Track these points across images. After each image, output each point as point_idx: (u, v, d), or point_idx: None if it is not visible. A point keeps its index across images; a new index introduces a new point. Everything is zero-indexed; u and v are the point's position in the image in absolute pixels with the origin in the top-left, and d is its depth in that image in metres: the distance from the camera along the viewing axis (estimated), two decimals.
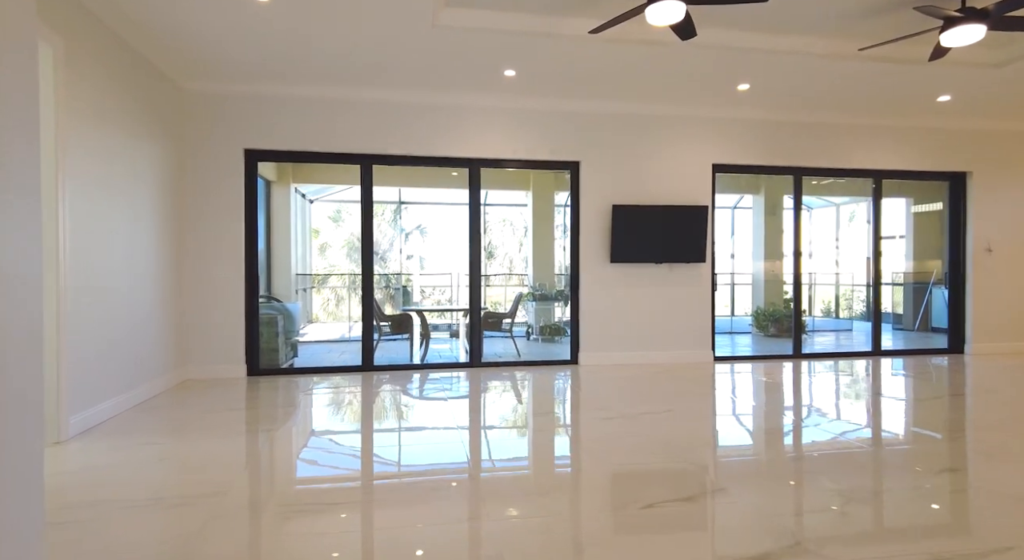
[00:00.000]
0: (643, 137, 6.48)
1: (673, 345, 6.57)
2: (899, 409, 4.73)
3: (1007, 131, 7.31)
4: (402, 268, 15.63)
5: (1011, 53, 5.17)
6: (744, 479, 2.98)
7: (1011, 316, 7.36)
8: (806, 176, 7.03)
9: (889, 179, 7.27)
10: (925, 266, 11.38)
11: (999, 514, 2.53)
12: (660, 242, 6.39)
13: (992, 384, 5.48)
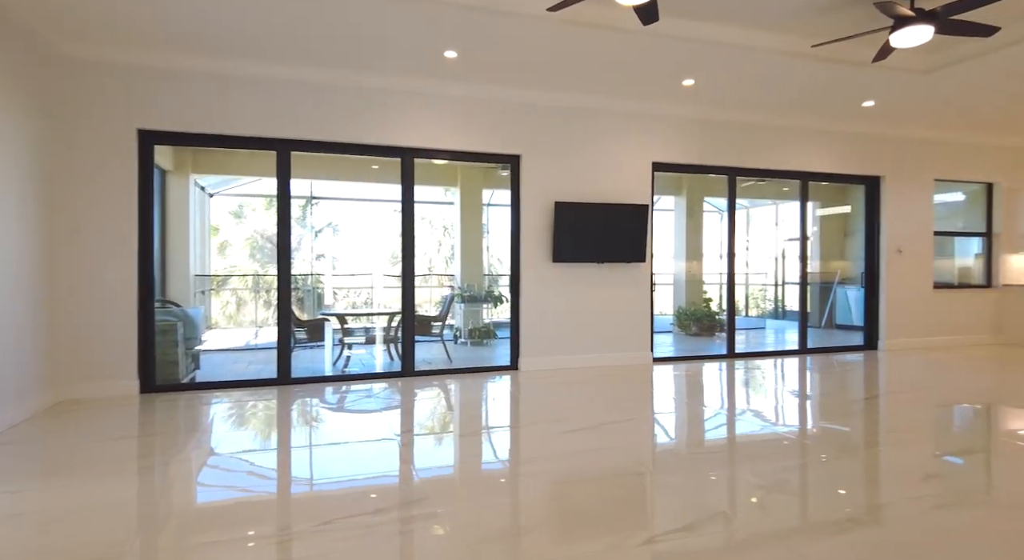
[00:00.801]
0: (587, 132, 6.22)
1: (614, 347, 6.36)
2: (868, 407, 4.74)
3: (918, 138, 7.75)
4: (312, 269, 14.63)
5: (939, 60, 5.36)
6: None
7: (918, 314, 7.80)
8: (739, 177, 7.07)
9: (814, 181, 7.47)
10: (830, 266, 11.99)
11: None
12: (602, 241, 6.15)
13: (920, 380, 5.69)
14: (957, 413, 4.54)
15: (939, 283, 8.08)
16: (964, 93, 6.11)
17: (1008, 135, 8.01)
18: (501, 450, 3.54)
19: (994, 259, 8.34)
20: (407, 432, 3.89)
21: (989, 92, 6.08)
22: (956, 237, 8.71)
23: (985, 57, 5.14)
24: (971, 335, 8.09)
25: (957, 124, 7.40)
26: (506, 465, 3.25)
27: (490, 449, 3.58)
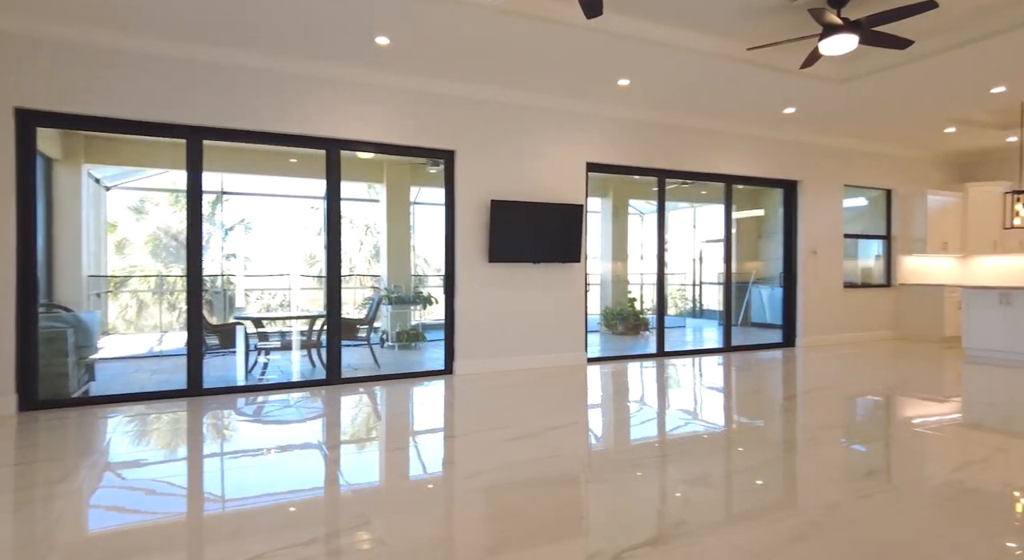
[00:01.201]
0: (523, 129, 6.09)
1: (549, 348, 6.27)
2: (804, 401, 4.87)
3: (831, 146, 8.19)
4: (222, 269, 13.68)
5: (855, 70, 5.64)
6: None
7: (830, 312, 8.25)
8: (668, 178, 7.18)
9: (737, 184, 7.72)
10: (745, 267, 12.52)
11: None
12: (538, 241, 6.04)
13: (838, 374, 5.97)
14: (872, 404, 4.77)
15: (847, 283, 8.59)
16: (870, 104, 6.48)
17: (904, 146, 8.64)
18: (445, 463, 3.32)
19: (893, 260, 8.98)
20: (336, 447, 3.59)
21: (891, 104, 6.49)
22: (861, 240, 9.30)
23: (892, 70, 5.45)
24: (875, 331, 8.66)
25: (863, 133, 7.89)
26: (451, 480, 3.03)
27: (433, 462, 3.35)
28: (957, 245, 8.98)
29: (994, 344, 6.93)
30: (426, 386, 5.38)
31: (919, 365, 6.61)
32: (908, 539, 2.27)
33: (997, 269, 9.11)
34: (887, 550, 2.17)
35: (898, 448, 3.55)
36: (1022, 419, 4.21)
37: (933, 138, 8.15)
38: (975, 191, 8.89)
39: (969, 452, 3.44)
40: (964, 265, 9.43)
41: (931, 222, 8.70)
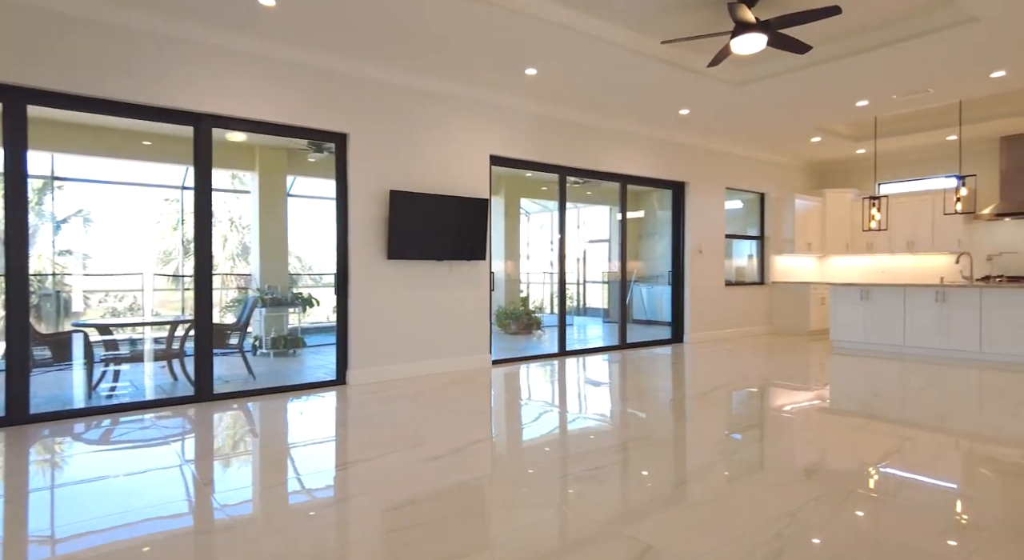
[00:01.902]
0: (425, 116, 5.62)
1: (454, 351, 5.87)
2: (717, 397, 4.86)
3: (716, 149, 8.55)
4: (54, 267, 11.68)
5: (751, 74, 5.83)
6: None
7: (714, 309, 8.62)
8: (569, 176, 7.07)
9: (632, 184, 7.80)
10: (627, 266, 12.86)
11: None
12: (442, 237, 5.62)
13: (730, 367, 6.16)
14: (768, 394, 4.91)
15: (727, 281, 9.04)
16: (755, 109, 6.80)
17: (776, 153, 9.28)
18: (354, 497, 2.81)
19: (766, 259, 9.61)
20: (209, 484, 2.95)
21: (773, 110, 6.85)
22: (735, 240, 9.85)
23: (783, 76, 5.70)
24: (751, 326, 9.20)
25: (743, 139, 8.32)
26: (367, 520, 2.55)
27: (339, 497, 2.83)
28: (818, 245, 9.80)
29: (857, 336, 7.58)
30: (316, 399, 4.76)
31: (796, 357, 7.04)
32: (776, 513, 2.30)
33: (849, 267, 10.09)
34: (755, 522, 2.35)
35: (782, 432, 3.61)
36: (883, 404, 4.52)
37: (801, 146, 8.80)
38: (831, 196, 9.76)
39: (836, 435, 3.64)
40: (823, 264, 10.35)
41: (798, 224, 9.42)
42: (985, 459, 3.28)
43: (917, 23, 4.72)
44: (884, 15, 4.70)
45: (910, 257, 9.29)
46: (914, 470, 3.04)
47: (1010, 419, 4.07)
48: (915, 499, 2.67)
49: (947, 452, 3.41)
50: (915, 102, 6.57)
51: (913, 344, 7.09)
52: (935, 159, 9.04)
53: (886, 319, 7.32)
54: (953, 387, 5.22)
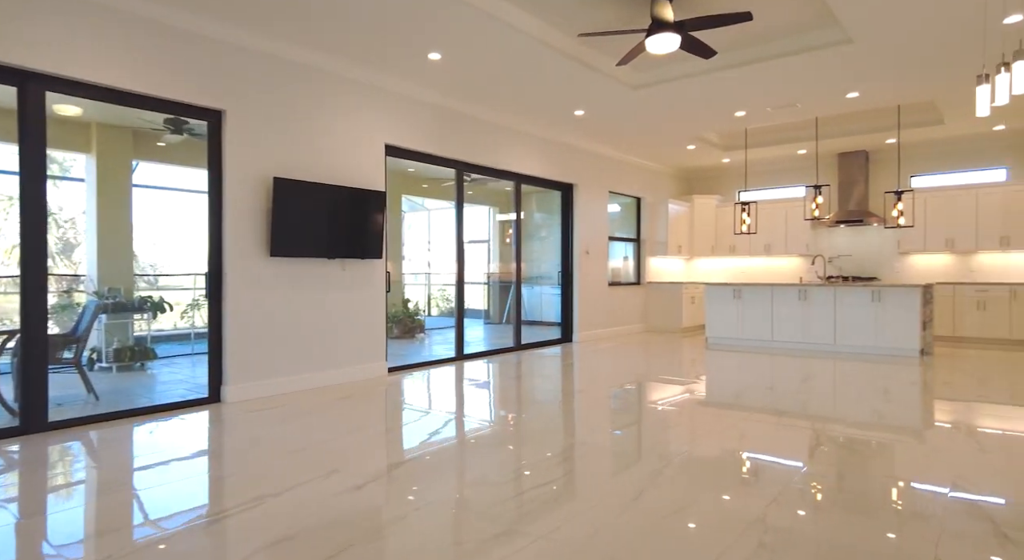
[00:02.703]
0: (315, 96, 5.02)
1: (347, 360, 5.31)
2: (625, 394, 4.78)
3: (601, 153, 8.72)
4: None
5: (648, 78, 5.93)
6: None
7: (599, 308, 8.79)
8: (466, 172, 6.77)
9: (525, 183, 7.69)
10: (508, 267, 12.85)
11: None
12: (334, 232, 5.05)
13: (622, 364, 6.23)
14: (660, 389, 5.01)
15: (610, 282, 9.27)
16: (644, 115, 6.99)
17: (653, 159, 9.70)
18: (276, 542, 2.28)
19: (642, 261, 10.01)
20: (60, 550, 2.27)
21: (660, 116, 7.10)
22: (614, 242, 10.17)
23: (676, 82, 5.88)
24: (629, 325, 9.53)
25: (626, 145, 8.57)
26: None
27: (280, 544, 2.29)
28: (687, 248, 10.42)
29: (730, 332, 8.10)
30: (185, 422, 4.00)
31: (679, 354, 7.34)
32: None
33: (714, 269, 10.85)
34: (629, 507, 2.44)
35: (654, 425, 3.66)
36: (753, 396, 4.80)
37: (676, 153, 9.27)
38: (699, 202, 10.43)
39: (710, 425, 3.77)
40: (689, 265, 11.03)
41: (670, 228, 9.93)
42: (830, 438, 3.51)
43: (801, 39, 5.07)
44: (772, 28, 4.98)
45: (766, 259, 10.19)
46: (773, 452, 3.29)
47: (854, 404, 4.46)
48: (770, 478, 2.85)
49: (801, 434, 3.58)
50: (783, 115, 7.15)
51: (779, 339, 7.72)
52: (787, 171, 10.01)
53: (756, 316, 7.90)
54: (813, 377, 5.67)
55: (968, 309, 7.97)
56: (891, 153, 8.99)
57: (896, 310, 6.90)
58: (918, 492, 2.69)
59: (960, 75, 5.62)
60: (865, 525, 2.29)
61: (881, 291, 7.00)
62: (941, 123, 7.34)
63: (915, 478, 2.88)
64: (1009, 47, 4.80)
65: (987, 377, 5.59)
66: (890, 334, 6.94)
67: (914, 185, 8.90)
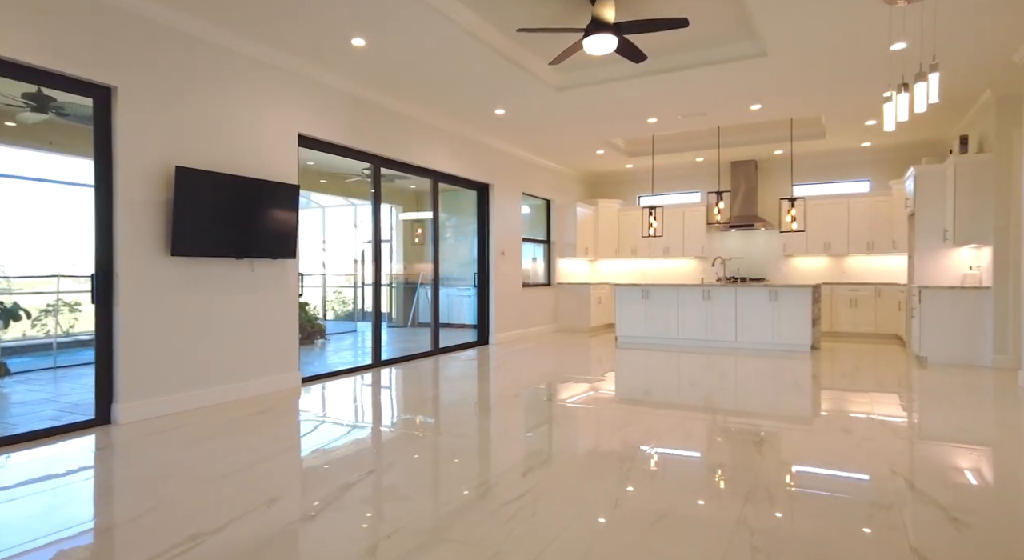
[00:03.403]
0: (221, 76, 4.49)
1: (257, 371, 4.81)
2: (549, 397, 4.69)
3: (516, 155, 8.67)
4: None
5: (574, 80, 5.94)
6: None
7: (514, 309, 8.73)
8: (384, 168, 6.42)
9: (442, 182, 7.45)
10: (413, 269, 12.54)
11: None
12: (245, 229, 4.55)
13: (545, 367, 6.21)
14: (577, 388, 5.05)
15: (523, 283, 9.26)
16: (564, 117, 7.03)
17: (562, 163, 9.82)
18: None
19: (552, 262, 10.11)
20: None
21: (576, 119, 7.17)
22: (528, 243, 10.19)
23: (599, 86, 5.95)
24: (541, 326, 9.57)
25: (541, 146, 8.59)
26: None
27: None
28: (592, 250, 10.67)
29: (638, 331, 8.37)
30: (69, 450, 3.39)
31: (593, 353, 7.45)
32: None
33: (617, 270, 11.20)
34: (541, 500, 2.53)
35: (565, 425, 3.72)
36: (659, 392, 5.01)
37: (586, 157, 9.45)
38: (603, 205, 10.73)
39: (618, 420, 3.91)
40: (594, 267, 11.31)
41: (578, 230, 10.11)
42: (725, 430, 3.72)
43: (722, 50, 5.30)
44: (694, 38, 5.16)
45: (665, 260, 10.68)
46: (675, 445, 3.45)
47: (757, 396, 4.77)
48: (675, 468, 3.05)
49: (702, 427, 3.77)
50: (691, 123, 7.49)
51: (685, 336, 8.08)
52: (684, 177, 10.55)
53: (662, 315, 8.22)
54: (716, 373, 5.98)
55: (843, 307, 8.81)
56: (777, 163, 9.75)
57: (790, 308, 7.46)
58: (817, 475, 2.84)
59: (851, 94, 6.16)
60: (760, 508, 2.48)
61: (777, 291, 7.54)
62: (823, 137, 8.05)
63: (817, 463, 3.04)
64: (896, 70, 5.33)
65: (862, 367, 6.17)
66: (785, 331, 7.49)
67: (795, 193, 9.72)
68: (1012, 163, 5.91)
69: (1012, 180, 5.91)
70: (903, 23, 4.46)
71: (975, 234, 6.13)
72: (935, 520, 2.35)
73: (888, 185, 8.92)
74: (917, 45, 4.84)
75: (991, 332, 6.01)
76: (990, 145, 6.16)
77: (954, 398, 4.65)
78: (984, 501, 2.55)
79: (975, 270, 6.49)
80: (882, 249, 8.88)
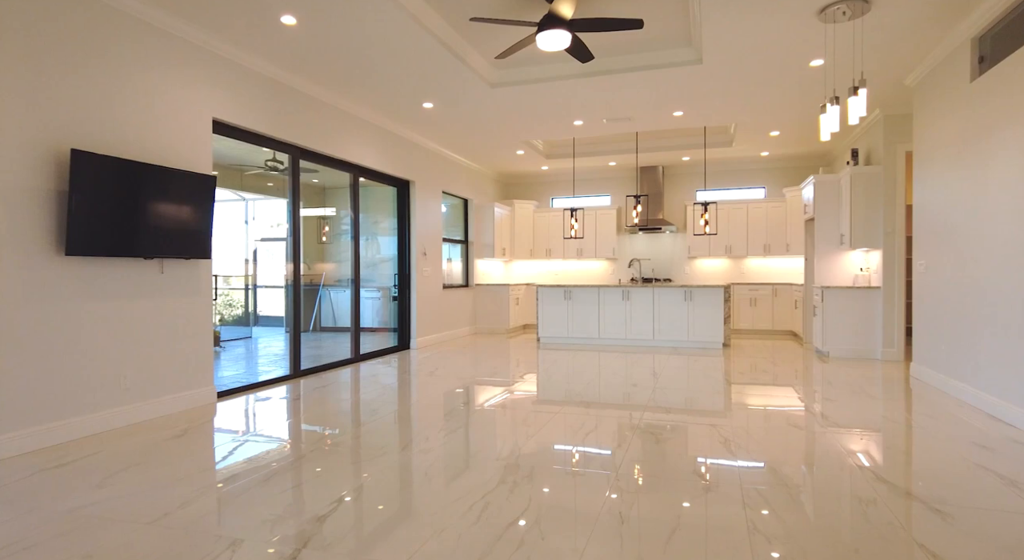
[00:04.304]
0: (127, 47, 3.86)
1: (168, 387, 4.21)
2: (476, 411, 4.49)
3: (437, 152, 8.38)
4: None
5: (510, 77, 5.80)
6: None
7: (434, 312, 8.44)
8: (303, 160, 5.91)
9: (364, 177, 7.01)
10: (314, 269, 11.83)
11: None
12: (153, 225, 3.96)
13: (468, 373, 6.03)
14: (508, 390, 4.96)
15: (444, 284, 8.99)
16: (491, 114, 6.88)
17: (480, 162, 9.65)
18: None
19: (470, 263, 9.91)
20: None
21: (506, 117, 7.05)
22: (446, 243, 9.90)
23: (533, 85, 5.86)
24: (460, 328, 9.35)
25: (461, 144, 8.36)
26: None
27: None
28: (509, 250, 10.61)
29: (560, 331, 8.40)
30: None
31: (518, 354, 7.35)
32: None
33: (532, 271, 11.22)
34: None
35: (480, 427, 3.70)
36: (594, 391, 5.09)
37: (504, 157, 9.35)
38: (519, 206, 10.70)
39: (537, 420, 3.92)
40: (508, 268, 11.26)
41: (496, 230, 10.00)
42: (634, 426, 3.83)
43: (659, 55, 5.40)
44: (631, 42, 5.22)
45: (579, 262, 10.85)
46: (591, 444, 3.52)
47: (673, 393, 4.96)
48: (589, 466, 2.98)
49: (615, 424, 3.87)
50: (614, 127, 7.62)
51: (606, 336, 8.22)
52: (595, 180, 10.78)
53: (584, 316, 8.31)
54: (637, 370, 6.14)
55: (744, 305, 9.41)
56: (682, 169, 10.23)
57: (704, 308, 7.82)
58: (733, 467, 2.96)
59: (767, 104, 6.53)
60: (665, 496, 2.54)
61: (692, 291, 7.88)
62: (730, 145, 8.53)
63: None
64: (816, 84, 5.72)
65: (777, 362, 6.59)
66: (700, 329, 7.84)
67: (699, 198, 10.25)
68: (897, 176, 6.56)
69: (897, 191, 6.57)
70: (823, 42, 4.77)
71: (867, 239, 6.75)
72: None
73: (782, 192, 9.64)
74: (831, 63, 5.21)
75: (881, 328, 6.64)
76: (877, 159, 6.81)
77: (866, 388, 5.05)
78: (901, 465, 2.73)
79: (865, 272, 7.15)
80: (777, 252, 9.58)
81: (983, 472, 2.94)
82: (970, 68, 4.50)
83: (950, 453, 3.26)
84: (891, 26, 4.50)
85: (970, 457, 3.18)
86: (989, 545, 2.15)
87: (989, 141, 4.21)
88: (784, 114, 6.87)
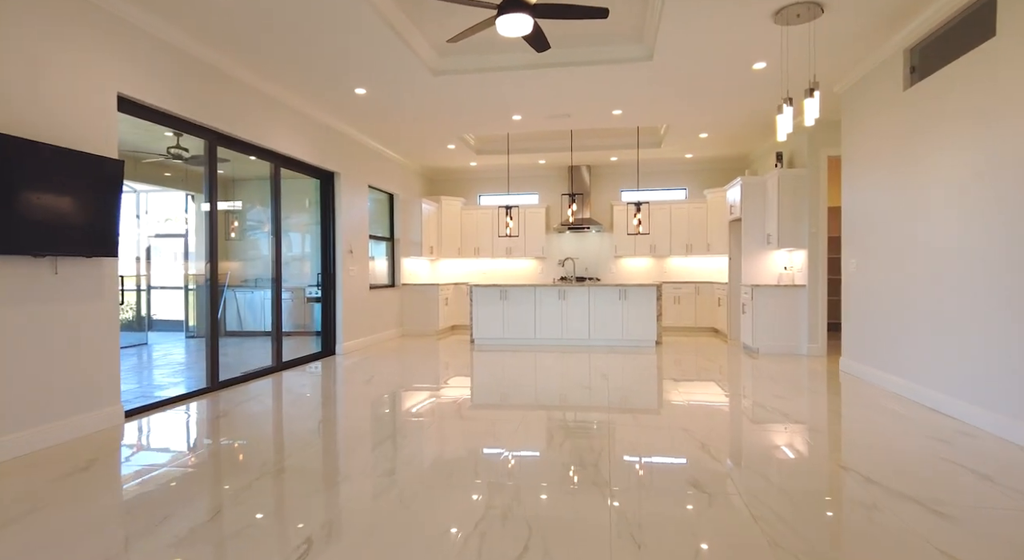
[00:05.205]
0: (22, 8, 3.17)
1: (66, 408, 3.54)
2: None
3: (364, 143, 7.87)
4: None
5: (454, 65, 5.47)
6: None
7: (361, 314, 7.92)
8: (220, 146, 5.26)
9: (286, 167, 6.40)
10: (222, 267, 10.84)
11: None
12: (46, 216, 3.29)
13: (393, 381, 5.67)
14: (443, 395, 4.70)
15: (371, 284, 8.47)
16: (429, 104, 6.50)
17: (409, 156, 9.20)
18: None
19: (396, 262, 9.44)
20: None
21: (443, 108, 6.70)
22: (372, 241, 9.35)
23: (475, 75, 5.57)
24: (386, 331, 8.86)
25: (390, 136, 7.89)
26: None
27: None
28: (436, 249, 10.22)
29: (495, 332, 8.16)
30: None
31: (453, 357, 7.03)
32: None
33: (459, 270, 10.89)
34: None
35: (408, 436, 3.54)
36: (512, 395, 4.98)
37: (434, 151, 8.96)
38: (446, 203, 10.34)
39: (476, 426, 3.78)
40: (435, 266, 10.86)
41: (423, 228, 9.59)
42: (562, 426, 3.76)
43: (610, 50, 5.28)
44: (580, 35, 5.07)
45: (507, 260, 10.66)
46: (525, 447, 3.43)
47: (638, 391, 4.94)
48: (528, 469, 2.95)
49: (545, 424, 3.77)
50: (551, 124, 7.46)
51: (542, 336, 8.07)
52: (524, 178, 10.63)
53: (520, 316, 8.12)
54: (571, 371, 6.06)
55: (668, 303, 9.61)
56: (608, 169, 10.31)
57: (638, 307, 7.87)
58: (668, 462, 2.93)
59: (705, 105, 6.62)
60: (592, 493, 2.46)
61: (626, 290, 7.90)
62: (659, 147, 8.65)
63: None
64: (755, 88, 5.83)
65: (711, 359, 6.72)
66: (633, 328, 7.87)
67: (624, 198, 10.37)
68: (820, 179, 6.89)
69: (820, 193, 6.89)
70: (771, 45, 4.85)
71: (793, 239, 7.03)
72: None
73: (703, 194, 9.94)
74: (774, 68, 5.33)
75: (807, 325, 6.94)
76: (801, 162, 7.12)
77: (807, 384, 5.21)
78: (881, 465, 2.76)
79: (788, 270, 7.47)
80: (699, 251, 9.87)
81: (953, 467, 3.02)
82: (903, 78, 4.72)
83: (915, 448, 3.34)
84: (836, 34, 4.63)
85: (934, 452, 3.27)
86: (1005, 548, 2.15)
87: (921, 147, 4.42)
88: (719, 116, 7.01)
